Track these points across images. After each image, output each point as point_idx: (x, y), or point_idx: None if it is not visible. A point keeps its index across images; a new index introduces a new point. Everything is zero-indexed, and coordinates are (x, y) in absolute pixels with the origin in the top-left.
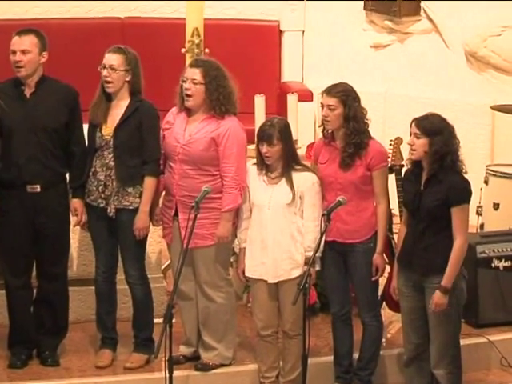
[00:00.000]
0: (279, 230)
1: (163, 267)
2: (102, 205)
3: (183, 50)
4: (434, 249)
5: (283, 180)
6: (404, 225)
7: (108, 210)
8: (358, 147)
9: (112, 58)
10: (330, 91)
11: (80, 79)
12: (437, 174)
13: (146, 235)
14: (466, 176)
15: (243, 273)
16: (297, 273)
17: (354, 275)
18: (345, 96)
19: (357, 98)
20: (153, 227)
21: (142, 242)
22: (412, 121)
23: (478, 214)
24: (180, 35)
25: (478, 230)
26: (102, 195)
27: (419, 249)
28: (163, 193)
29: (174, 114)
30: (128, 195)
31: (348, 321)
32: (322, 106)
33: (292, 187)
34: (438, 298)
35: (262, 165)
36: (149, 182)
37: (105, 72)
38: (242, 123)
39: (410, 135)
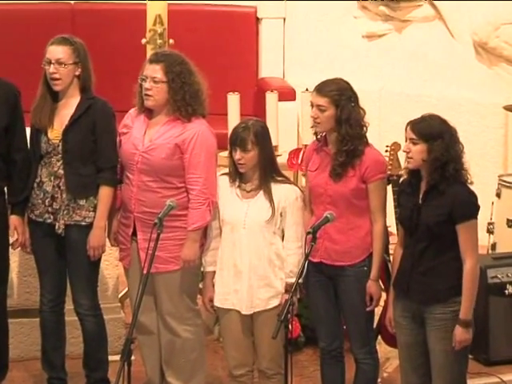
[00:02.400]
0: (255, 253)
1: (121, 295)
2: (48, 220)
3: (144, 41)
4: (436, 273)
5: (260, 193)
6: (400, 245)
7: (56, 227)
8: (351, 155)
9: (58, 51)
10: (320, 89)
11: (22, 75)
12: (437, 185)
13: (100, 257)
14: (472, 187)
15: (211, 301)
16: (275, 302)
17: (344, 304)
18: (338, 95)
19: (353, 98)
20: (109, 247)
21: (95, 266)
22: (407, 124)
23: (489, 232)
24: (140, 23)
25: (490, 251)
26: (50, 209)
27: (418, 273)
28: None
29: (133, 116)
30: (80, 209)
31: (338, 357)
32: (312, 105)
33: (271, 202)
34: (460, 335)
35: (236, 175)
36: (104, 193)
37: (51, 68)
38: (213, 126)
39: (406, 141)
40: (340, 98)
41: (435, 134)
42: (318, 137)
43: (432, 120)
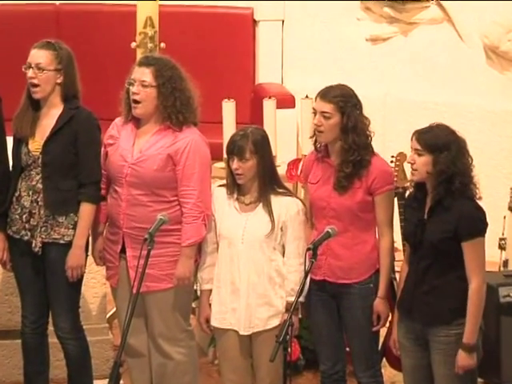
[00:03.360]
0: (254, 269)
1: (109, 315)
2: (26, 237)
3: (133, 45)
4: (440, 293)
5: (260, 206)
6: (406, 262)
7: (33, 245)
8: (357, 166)
9: (39, 55)
10: (325, 95)
11: (3, 80)
12: (443, 200)
13: (82, 276)
14: (482, 201)
15: (207, 321)
16: (275, 322)
17: (348, 324)
18: (343, 102)
19: (358, 105)
20: (96, 265)
21: (75, 286)
22: (413, 134)
23: (501, 248)
24: (129, 26)
25: (501, 268)
26: (27, 225)
27: (421, 292)
28: (107, 224)
29: (119, 125)
30: (59, 226)
31: (341, 381)
32: (315, 112)
33: (271, 215)
34: (463, 360)
35: (234, 187)
36: (86, 210)
37: (30, 73)
38: (207, 135)
39: (411, 151)
40: (346, 105)
41: (441, 146)
42: (318, 147)
43: (439, 130)
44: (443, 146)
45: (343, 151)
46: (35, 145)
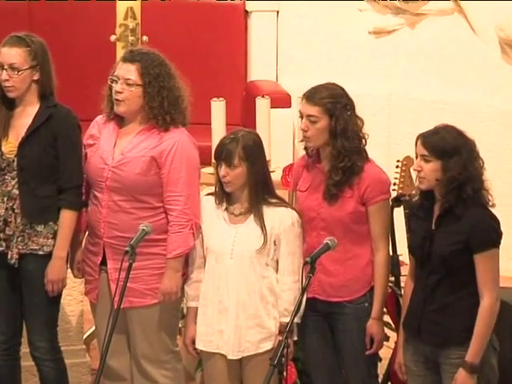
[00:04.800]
0: (245, 287)
1: (86, 335)
2: (0, 248)
3: (113, 38)
4: (451, 311)
5: (251, 218)
6: (411, 277)
7: (9, 256)
8: (348, 173)
9: (11, 55)
10: (310, 96)
11: None
12: (453, 209)
13: (61, 291)
14: (495, 210)
15: (193, 343)
16: (268, 345)
17: (342, 346)
18: (331, 103)
19: (349, 106)
20: (72, 280)
21: (54, 302)
22: (417, 138)
23: None
24: (109, 17)
25: None
26: (2, 235)
27: (430, 311)
28: (86, 233)
29: (100, 123)
30: (37, 235)
31: None
32: (301, 115)
33: (263, 228)
34: (462, 379)
35: (222, 195)
36: (66, 217)
37: (3, 74)
38: (195, 137)
39: (416, 157)
40: (334, 107)
41: (450, 150)
42: (309, 151)
43: (446, 132)
44: (453, 150)
45: (332, 157)
46: (9, 147)
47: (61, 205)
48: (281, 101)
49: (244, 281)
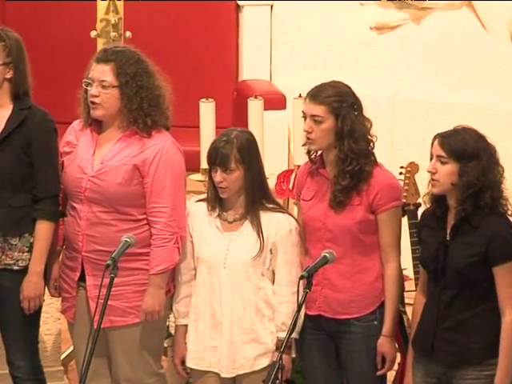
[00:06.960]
0: (239, 300)
1: (64, 356)
2: None
3: (93, 34)
4: (468, 328)
5: (246, 224)
6: (422, 293)
7: None
8: (356, 178)
9: None
10: (315, 95)
11: None
12: (469, 218)
13: (40, 308)
14: None
15: (183, 363)
16: (264, 362)
17: (349, 368)
18: (337, 102)
19: (356, 105)
20: (48, 296)
21: (33, 318)
22: (434, 137)
23: None
24: (89, 12)
25: None
26: None
27: (445, 328)
28: (63, 247)
29: (77, 129)
30: (11, 249)
31: None
32: (305, 116)
33: (259, 235)
34: None
35: (215, 201)
36: (43, 229)
37: None
38: (182, 142)
39: (431, 158)
40: (340, 106)
41: (470, 153)
42: (312, 157)
43: (467, 134)
44: (472, 154)
45: (338, 161)
46: None
47: (36, 215)
48: (275, 102)
49: (238, 292)
